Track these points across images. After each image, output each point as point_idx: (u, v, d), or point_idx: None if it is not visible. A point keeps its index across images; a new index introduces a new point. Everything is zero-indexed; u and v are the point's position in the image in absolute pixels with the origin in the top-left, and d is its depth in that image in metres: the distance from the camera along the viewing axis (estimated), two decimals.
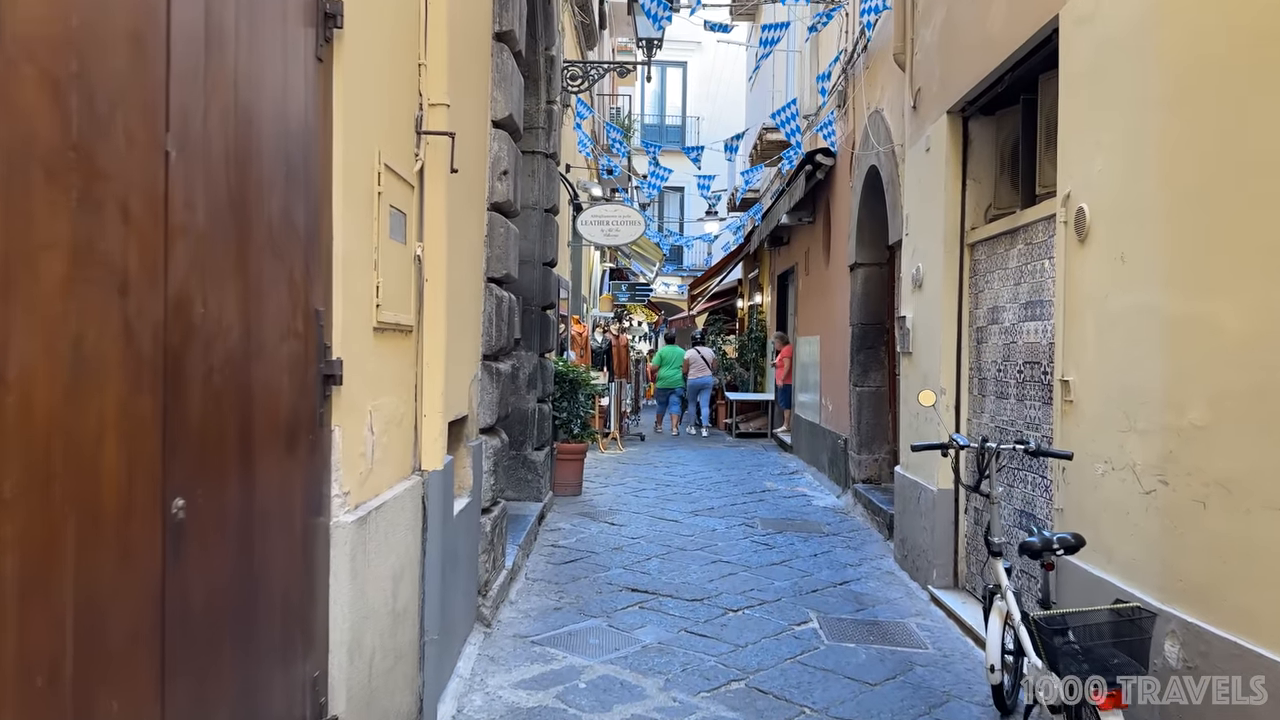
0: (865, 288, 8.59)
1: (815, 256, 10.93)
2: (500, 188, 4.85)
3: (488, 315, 4.80)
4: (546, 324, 7.79)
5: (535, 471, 7.54)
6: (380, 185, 2.89)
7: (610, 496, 8.80)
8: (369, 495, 2.86)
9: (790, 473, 10.69)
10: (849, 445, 8.85)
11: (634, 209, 10.22)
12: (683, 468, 10.99)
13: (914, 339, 6.12)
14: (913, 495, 6.01)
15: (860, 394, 8.58)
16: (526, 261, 7.50)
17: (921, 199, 6.04)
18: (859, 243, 8.55)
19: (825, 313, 10.30)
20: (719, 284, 19.43)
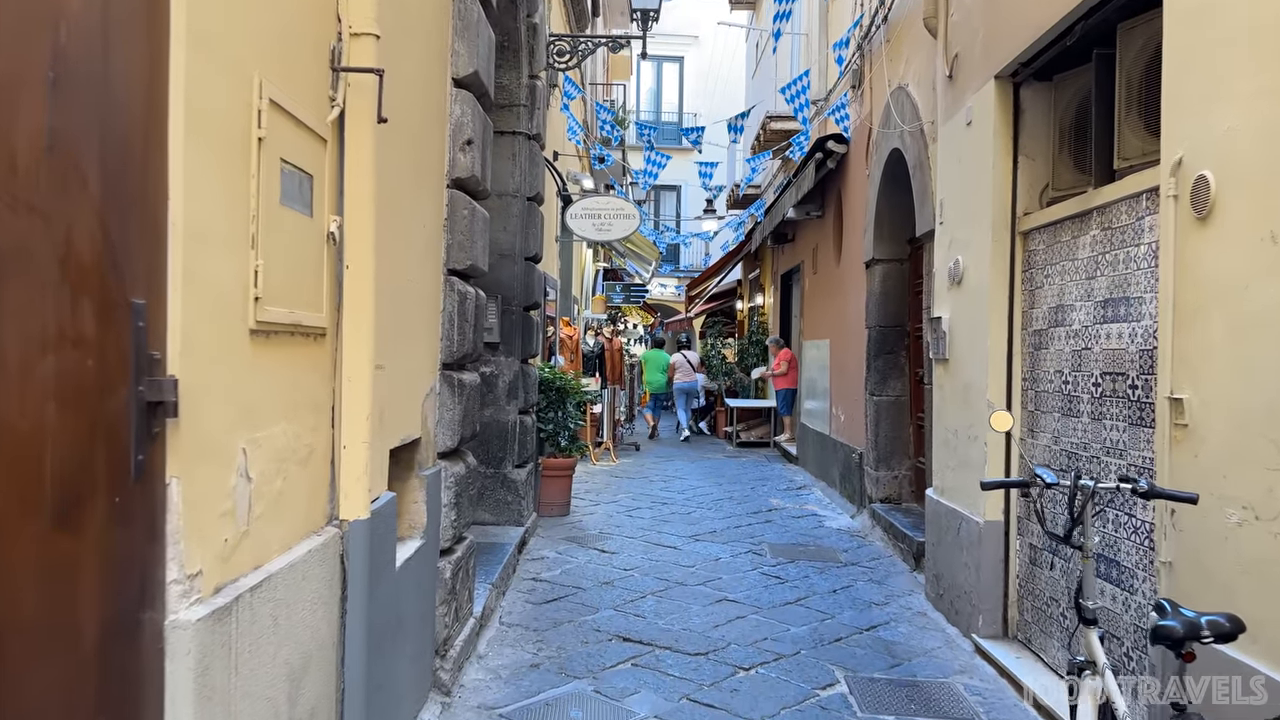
0: (884, 286, 7.75)
1: (824, 253, 10.09)
2: (464, 161, 4.00)
3: (448, 315, 3.95)
4: (529, 326, 6.94)
5: (516, 492, 6.68)
6: (262, 128, 2.04)
7: (601, 517, 7.95)
8: (242, 569, 2.01)
9: (797, 488, 9.84)
10: (865, 460, 8.01)
11: (628, 201, 9.39)
12: (681, 482, 10.13)
13: (952, 343, 5.28)
14: (949, 525, 5.16)
15: (878, 404, 7.74)
16: (506, 255, 6.65)
17: (961, 182, 5.20)
18: (877, 236, 7.71)
19: (836, 314, 9.46)
20: (718, 285, 18.59)
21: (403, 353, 3.35)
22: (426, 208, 3.68)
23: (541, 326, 8.34)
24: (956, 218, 5.28)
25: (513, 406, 6.69)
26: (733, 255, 15.93)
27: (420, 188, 3.57)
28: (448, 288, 3.96)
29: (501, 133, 6.63)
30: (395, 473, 3.52)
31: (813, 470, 10.57)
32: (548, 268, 8.86)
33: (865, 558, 6.66)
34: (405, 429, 3.45)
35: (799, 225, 11.55)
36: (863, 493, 8.06)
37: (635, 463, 11.81)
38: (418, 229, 3.53)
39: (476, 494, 6.66)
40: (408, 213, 3.36)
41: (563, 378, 8.01)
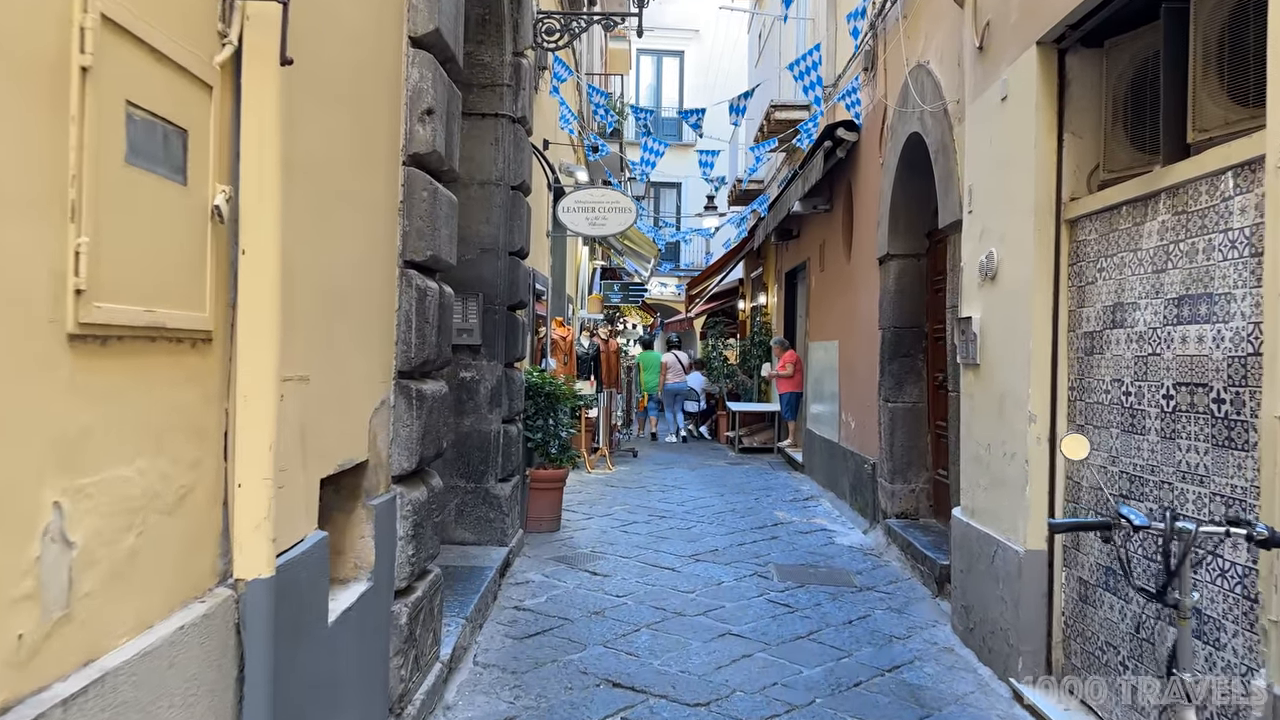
0: (899, 284, 7.17)
1: (833, 249, 9.51)
2: (423, 134, 3.42)
3: (404, 315, 3.37)
4: (514, 327, 6.36)
5: (499, 509, 6.10)
6: (88, 53, 1.46)
7: (594, 533, 7.36)
8: (57, 671, 1.43)
9: (804, 499, 9.25)
10: (878, 471, 7.42)
11: (624, 194, 8.81)
12: (680, 492, 9.55)
13: (984, 347, 4.69)
14: (982, 552, 4.58)
15: (893, 411, 7.16)
16: (488, 250, 6.08)
17: (994, 165, 4.62)
18: (892, 230, 7.12)
19: (845, 314, 8.88)
20: (719, 284, 18.00)
21: (339, 360, 2.77)
22: (374, 187, 3.10)
23: (530, 327, 7.77)
24: (988, 206, 4.69)
25: (496, 415, 6.11)
26: (734, 253, 15.34)
27: (365, 162, 2.99)
28: (404, 282, 3.38)
29: (483, 114, 6.06)
30: (334, 504, 2.95)
31: (820, 479, 9.99)
32: (537, 264, 8.29)
33: (882, 581, 6.07)
34: (345, 452, 2.87)
35: (805, 220, 10.97)
36: (876, 506, 7.48)
37: (633, 470, 11.23)
38: (360, 211, 2.95)
39: (455, 511, 6.09)
40: (345, 190, 2.77)
41: (552, 382, 7.44)
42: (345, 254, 2.81)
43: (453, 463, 6.08)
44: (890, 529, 6.93)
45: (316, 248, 2.54)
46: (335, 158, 2.69)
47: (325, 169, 2.59)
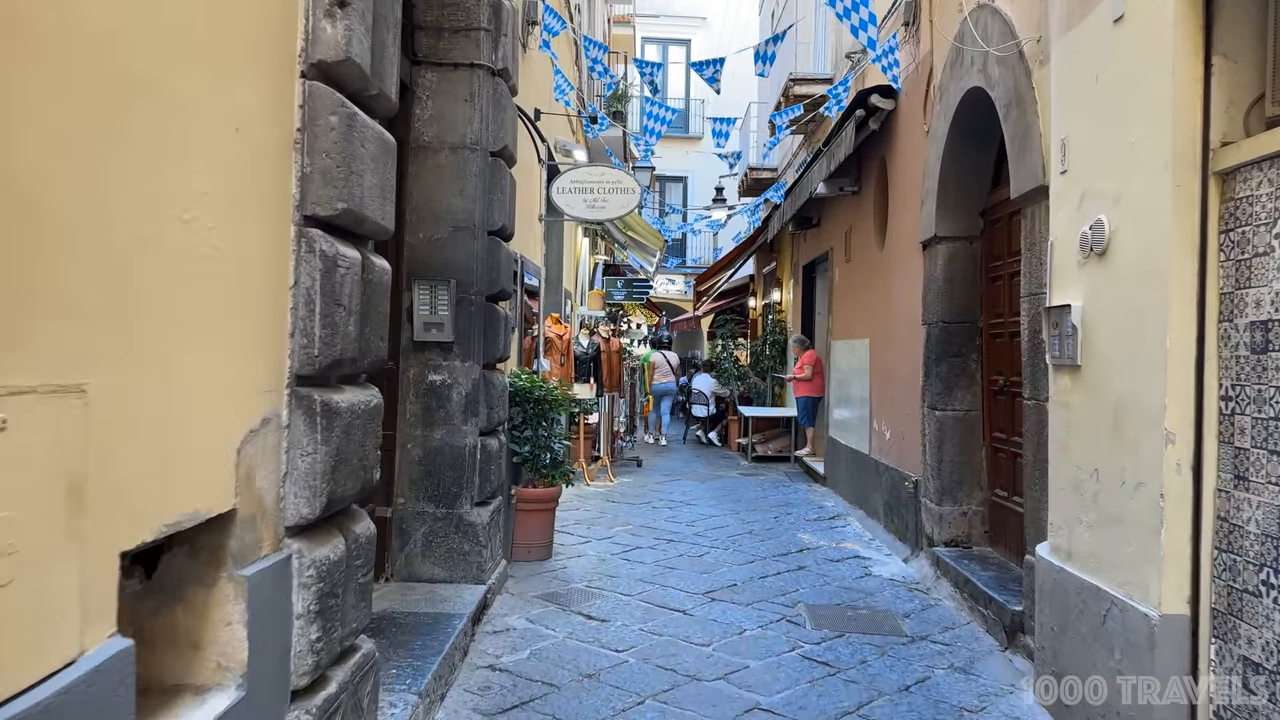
0: (948, 272, 6.12)
1: (862, 236, 8.46)
2: (333, 35, 2.39)
3: (303, 294, 2.34)
4: (495, 321, 5.33)
5: (475, 539, 5.07)
6: None
7: (591, 561, 6.33)
8: None
9: (830, 518, 8.20)
10: (922, 490, 6.38)
11: (626, 173, 7.79)
12: (689, 509, 8.50)
13: (1089, 343, 3.65)
14: (1087, 608, 3.53)
15: (941, 420, 6.11)
16: (461, 228, 5.05)
17: (1103, 108, 3.57)
18: (941, 208, 6.08)
19: (878, 308, 7.83)
20: (729, 280, 16.96)
21: (167, 361, 1.75)
22: (242, 102, 2.07)
23: (518, 323, 6.73)
24: (1094, 161, 3.65)
25: (472, 426, 5.08)
26: (746, 246, 14.29)
27: (219, 54, 1.95)
28: (303, 248, 2.35)
29: (455, 65, 5.04)
30: (184, 576, 1.92)
31: (846, 494, 8.94)
32: (528, 252, 7.26)
33: (936, 627, 5.03)
34: (183, 503, 1.84)
35: (828, 206, 9.93)
36: (918, 531, 6.43)
37: (637, 482, 10.19)
38: (212, 130, 1.92)
39: (422, 543, 5.06)
40: (174, 93, 1.74)
41: (543, 386, 6.40)
42: (180, 192, 1.78)
43: (419, 483, 5.06)
44: (939, 560, 5.89)
45: (103, 173, 1.51)
46: (153, 39, 1.66)
47: (133, 51, 1.56)
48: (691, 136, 25.87)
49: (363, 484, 2.69)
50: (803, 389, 11.30)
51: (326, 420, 2.39)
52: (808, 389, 11.28)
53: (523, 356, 7.04)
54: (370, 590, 2.84)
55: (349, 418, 2.52)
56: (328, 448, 2.40)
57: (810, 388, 11.26)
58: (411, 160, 5.09)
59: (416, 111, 5.09)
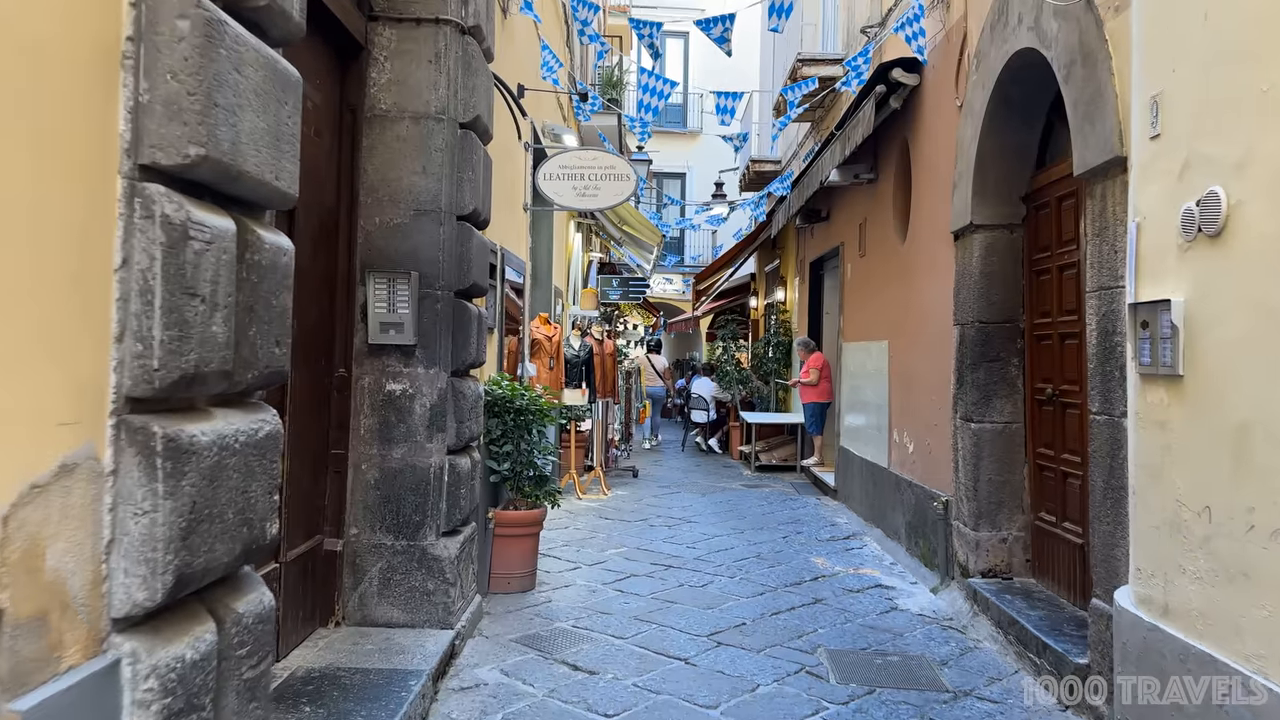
0: (986, 265, 5.39)
1: (879, 228, 7.73)
2: None
3: (137, 280, 1.60)
4: (466, 321, 4.58)
5: (441, 576, 4.32)
6: None
7: (580, 592, 5.58)
8: None
9: (844, 538, 7.46)
10: (954, 512, 5.65)
11: (620, 158, 7.05)
12: (690, 528, 7.76)
13: (1197, 349, 2.91)
14: (1197, 684, 2.79)
15: (978, 434, 5.38)
16: (425, 212, 4.31)
17: (1217, 52, 2.84)
18: (978, 193, 5.35)
19: (898, 307, 7.10)
20: (729, 278, 16.22)
21: None
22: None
23: (498, 322, 5.99)
24: (1202, 120, 2.91)
25: (438, 442, 4.34)
26: (748, 242, 13.55)
27: None
28: (135, 211, 1.60)
29: (416, 20, 4.30)
30: None
31: (860, 510, 8.20)
32: (511, 243, 6.52)
33: (980, 678, 4.29)
34: None
35: (839, 197, 9.19)
36: (949, 557, 5.70)
37: (632, 495, 9.44)
38: None
39: (379, 580, 4.32)
40: None
41: (527, 395, 5.66)
42: None
43: (375, 511, 4.32)
44: (976, 593, 5.15)
45: None
46: None
47: None
48: (690, 131, 25.15)
49: (245, 544, 1.94)
50: (810, 394, 10.57)
51: (174, 462, 1.64)
52: (815, 394, 10.55)
53: (504, 360, 6.30)
54: (266, 686, 2.08)
55: (216, 455, 1.78)
56: (176, 501, 1.65)
57: (818, 393, 10.53)
58: (366, 132, 4.35)
59: (372, 75, 4.35)
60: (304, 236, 3.91)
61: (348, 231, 4.32)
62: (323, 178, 4.13)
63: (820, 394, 10.51)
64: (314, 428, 4.14)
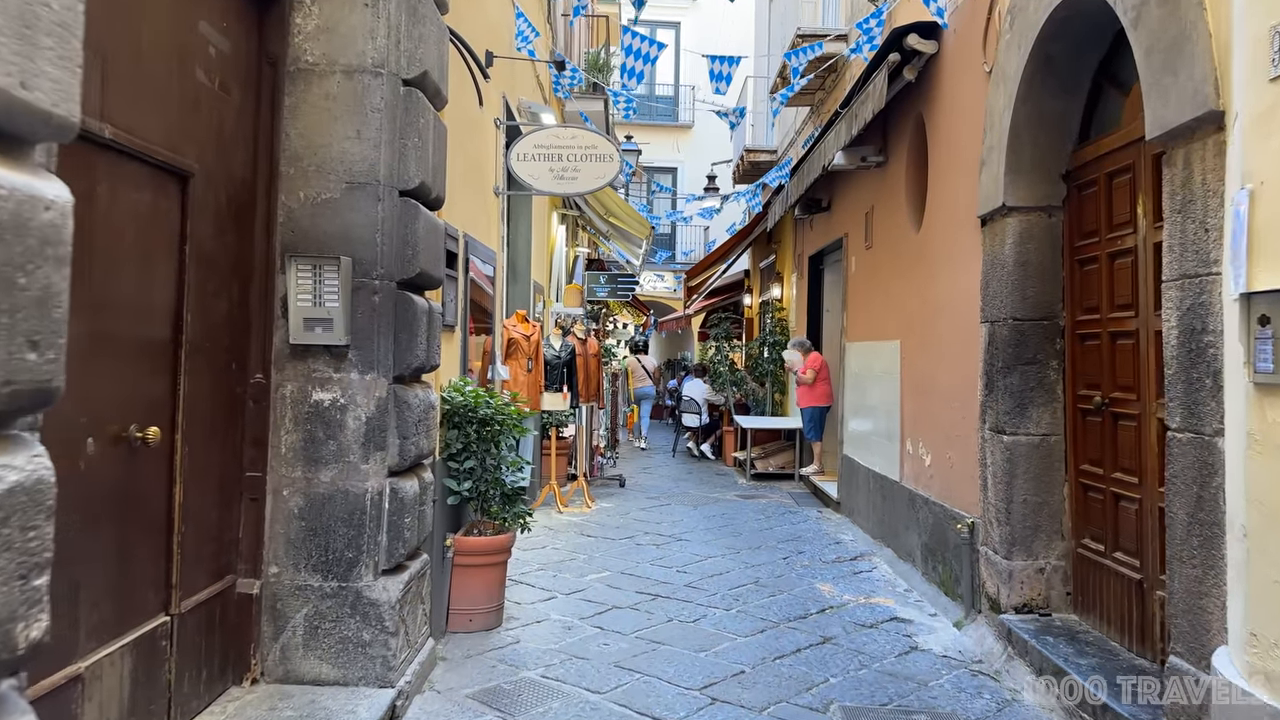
0: (1020, 253, 4.68)
1: (889, 216, 7.02)
2: None
3: None
4: (411, 317, 3.83)
5: (378, 623, 3.59)
6: None
7: (553, 631, 4.85)
8: None
9: (851, 558, 6.75)
10: (981, 536, 4.94)
11: (603, 136, 6.33)
12: (680, 548, 7.03)
13: None
14: None
15: (1011, 447, 4.67)
16: (359, 185, 3.59)
17: None
18: (1012, 171, 4.64)
19: (912, 303, 6.39)
20: (722, 275, 15.50)
21: None
22: None
23: (460, 319, 5.26)
24: None
25: (375, 464, 3.61)
26: (744, 235, 12.83)
27: None
28: None
29: None
30: None
31: (867, 526, 7.49)
32: (480, 231, 5.78)
33: None
34: None
35: (842, 184, 8.49)
36: (975, 587, 4.99)
37: (618, 508, 8.71)
38: None
39: (304, 629, 3.58)
40: None
41: (493, 402, 4.92)
42: None
43: (300, 546, 3.58)
44: (1010, 632, 4.44)
45: None
46: None
47: None
48: (681, 125, 24.44)
49: None
50: (808, 398, 9.86)
51: None
52: (813, 397, 9.84)
53: (468, 363, 5.56)
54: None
55: None
56: None
57: (815, 396, 9.83)
58: (289, 89, 3.61)
59: (297, 21, 3.61)
60: (205, 213, 3.18)
61: (266, 208, 3.58)
62: (233, 143, 3.40)
63: (819, 397, 9.80)
64: (222, 446, 3.40)
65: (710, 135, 22.75)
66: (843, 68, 8.74)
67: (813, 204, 9.26)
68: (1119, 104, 4.24)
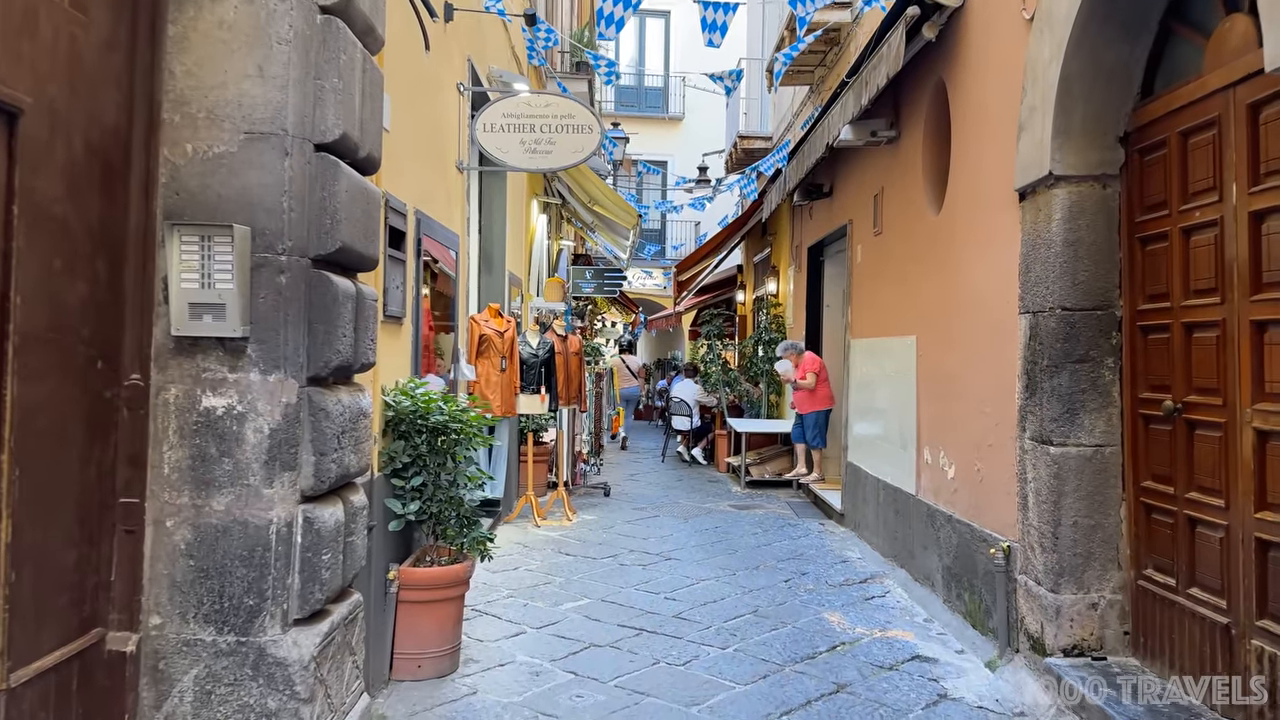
0: (1071, 231, 3.96)
1: (902, 197, 6.31)
2: None
3: None
4: (329, 302, 3.06)
5: (288, 687, 2.85)
6: None
7: (518, 678, 4.11)
8: None
9: (861, 580, 6.02)
10: (1019, 563, 4.22)
11: (582, 105, 5.59)
12: (669, 569, 6.29)
13: None
14: None
15: (1059, 460, 3.95)
16: (260, 135, 2.87)
17: None
18: (1061, 134, 3.92)
19: (931, 293, 5.68)
20: (713, 270, 14.77)
21: None
22: None
23: (409, 310, 4.51)
24: None
25: (283, 486, 2.87)
26: (737, 225, 12.10)
27: None
28: None
29: None
30: None
31: (876, 542, 6.78)
32: (438, 211, 5.04)
33: None
34: None
35: (846, 165, 7.78)
36: (1011, 622, 4.28)
37: (601, 520, 7.97)
38: None
39: (194, 697, 2.84)
40: None
41: (447, 407, 4.17)
42: None
43: (188, 590, 2.84)
44: (1060, 679, 3.73)
45: None
46: None
47: None
48: (672, 117, 23.73)
49: None
50: (809, 403, 9.16)
51: None
52: (814, 402, 9.15)
53: (420, 360, 4.80)
54: None
55: None
56: None
57: (816, 400, 9.13)
58: (174, 15, 2.86)
59: None
60: (48, 164, 2.44)
61: (145, 165, 2.83)
62: (96, 79, 2.64)
63: (821, 400, 9.10)
64: (82, 465, 2.65)
65: (701, 127, 22.07)
66: (847, 39, 8.03)
67: (813, 190, 8.54)
68: (1195, 50, 3.53)
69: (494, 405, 7.04)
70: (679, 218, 21.85)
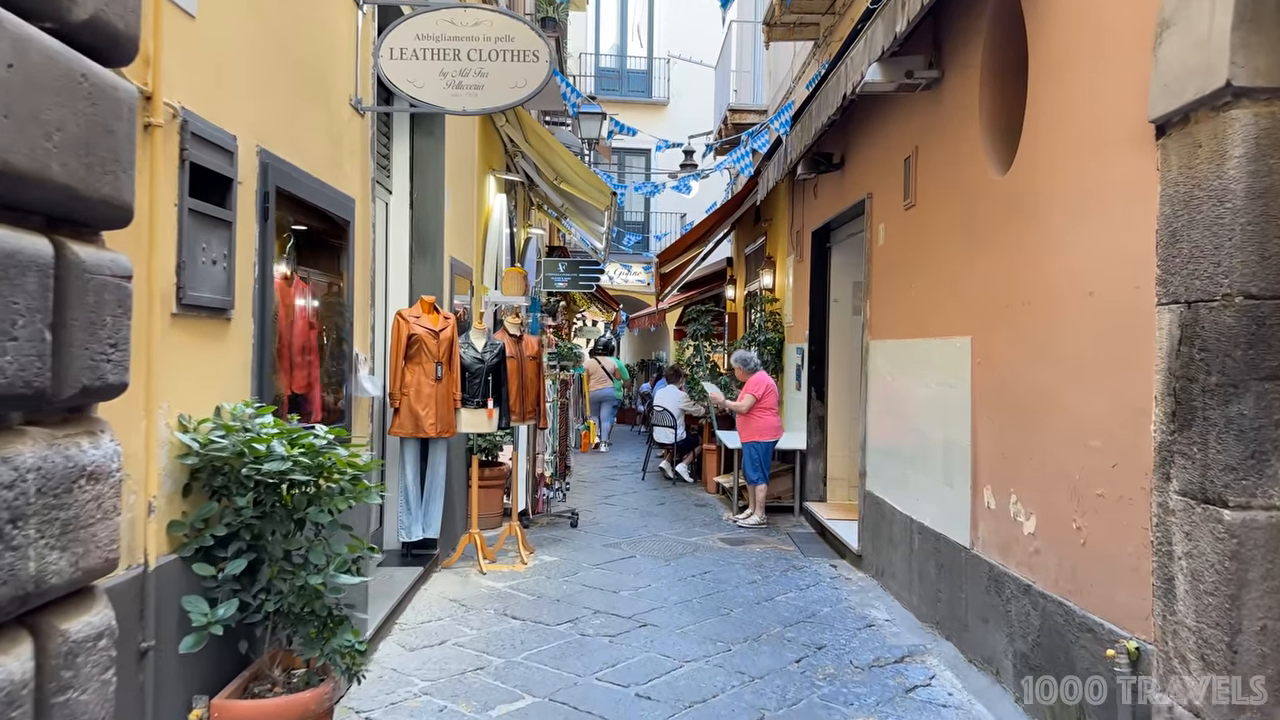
0: (1258, 175, 2.55)
1: (947, 156, 4.89)
2: None
3: None
4: None
5: None
6: None
7: None
8: None
9: (895, 660, 4.59)
10: (1160, 677, 2.80)
11: (524, 24, 4.16)
12: (643, 643, 4.84)
13: None
14: None
15: (1239, 530, 2.55)
16: None
17: None
18: (1243, 24, 2.50)
19: (995, 281, 4.26)
20: (700, 263, 13.34)
21: None
22: None
23: (258, 298, 3.04)
24: None
25: None
26: (727, 211, 10.66)
27: None
28: None
29: None
30: None
31: (906, 597, 5.36)
32: (319, 165, 3.58)
33: None
34: None
35: (864, 128, 6.37)
36: None
37: (564, 562, 6.52)
38: None
39: None
40: None
41: (297, 440, 2.72)
42: None
43: None
44: None
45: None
46: None
47: None
48: (655, 102, 22.26)
49: None
50: (750, 430, 7.94)
51: None
52: (748, 430, 7.95)
53: (271, 375, 3.33)
54: None
55: None
56: None
57: (752, 429, 7.91)
58: None
59: None
60: None
61: None
62: None
63: (760, 430, 7.91)
64: None
65: (688, 111, 20.69)
66: None
67: (820, 160, 7.12)
68: None
69: (426, 423, 5.60)
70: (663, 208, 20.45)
